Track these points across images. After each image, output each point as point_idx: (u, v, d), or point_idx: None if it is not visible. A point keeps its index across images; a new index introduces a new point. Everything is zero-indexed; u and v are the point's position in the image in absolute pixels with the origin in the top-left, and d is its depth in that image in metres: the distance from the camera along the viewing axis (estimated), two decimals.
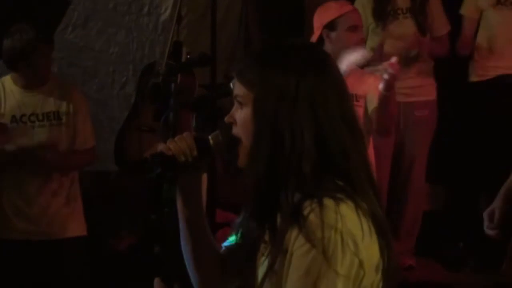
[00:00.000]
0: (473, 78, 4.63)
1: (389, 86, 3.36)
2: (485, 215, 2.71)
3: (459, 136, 4.74)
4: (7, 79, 3.69)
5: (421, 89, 4.52)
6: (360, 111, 3.56)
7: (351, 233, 1.46)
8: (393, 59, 3.33)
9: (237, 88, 1.60)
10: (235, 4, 5.10)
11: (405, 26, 4.47)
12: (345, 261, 1.45)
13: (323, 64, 1.58)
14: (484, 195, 4.42)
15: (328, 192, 1.49)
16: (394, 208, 4.51)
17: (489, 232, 2.69)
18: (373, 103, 3.51)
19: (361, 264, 1.46)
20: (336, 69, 1.61)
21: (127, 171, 4.06)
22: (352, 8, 3.67)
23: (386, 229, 1.54)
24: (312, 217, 1.46)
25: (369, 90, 3.56)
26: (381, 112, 3.43)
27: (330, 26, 3.59)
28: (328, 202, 1.47)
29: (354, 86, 3.57)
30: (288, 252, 1.48)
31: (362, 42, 3.61)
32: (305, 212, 1.47)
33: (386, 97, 3.39)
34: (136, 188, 4.05)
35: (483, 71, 4.59)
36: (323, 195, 1.48)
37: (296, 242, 1.47)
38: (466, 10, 4.60)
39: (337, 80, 1.59)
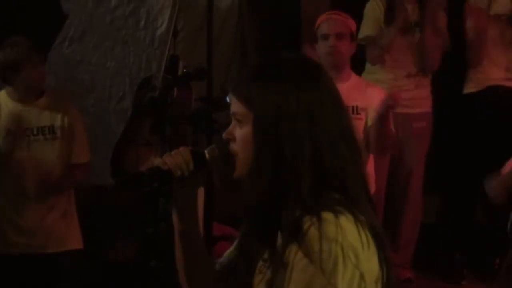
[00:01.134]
0: (469, 89, 4.65)
1: (387, 111, 3.40)
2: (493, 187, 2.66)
3: (454, 147, 4.75)
4: (2, 93, 3.70)
5: (419, 101, 4.55)
6: (360, 124, 3.57)
7: (351, 245, 1.46)
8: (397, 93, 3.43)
9: (235, 105, 1.59)
10: (231, 17, 5.11)
11: (411, 38, 4.49)
12: (347, 274, 1.44)
13: (318, 77, 1.58)
14: (480, 206, 4.43)
15: (327, 206, 1.48)
16: (392, 220, 4.51)
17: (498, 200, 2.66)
18: (373, 119, 3.53)
19: (362, 276, 1.46)
20: (331, 82, 1.61)
21: (124, 185, 4.05)
22: (326, 18, 3.74)
23: (384, 242, 1.54)
24: (311, 231, 1.46)
25: (371, 103, 3.58)
26: (377, 131, 3.45)
27: (316, 37, 3.74)
28: (328, 215, 1.47)
29: (356, 98, 3.59)
30: (289, 266, 1.47)
31: (331, 50, 3.65)
32: (305, 227, 1.46)
33: (382, 118, 3.42)
34: (132, 202, 4.04)
35: (474, 82, 4.61)
36: (322, 209, 1.48)
37: (296, 256, 1.46)
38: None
39: (333, 94, 1.59)
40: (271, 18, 5.07)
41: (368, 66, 4.59)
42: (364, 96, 3.62)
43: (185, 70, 4.12)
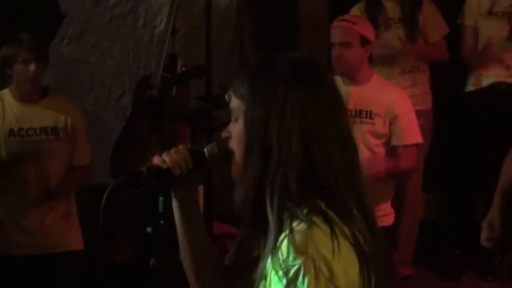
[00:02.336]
0: (469, 87, 4.65)
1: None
2: (485, 224, 2.68)
3: (455, 145, 4.75)
4: (6, 92, 3.69)
5: (416, 98, 4.51)
6: (372, 129, 3.55)
7: (324, 258, 1.42)
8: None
9: (232, 102, 1.59)
10: (230, 16, 5.11)
11: (397, 36, 4.49)
12: (319, 287, 1.42)
13: (314, 77, 1.56)
14: (480, 204, 4.42)
15: (305, 216, 1.46)
16: None
17: (486, 243, 2.68)
18: (395, 136, 3.59)
19: None
20: (331, 83, 1.60)
21: (123, 184, 4.05)
22: (333, 26, 3.70)
23: (367, 252, 1.50)
24: (283, 246, 1.44)
25: (388, 108, 3.57)
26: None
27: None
28: (301, 227, 1.45)
29: (373, 102, 3.56)
30: (267, 278, 1.46)
31: (335, 59, 3.61)
32: (279, 240, 1.45)
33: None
34: (132, 201, 4.04)
35: (477, 80, 4.61)
36: (297, 220, 1.45)
37: (271, 271, 1.45)
38: (466, 19, 4.62)
39: (329, 94, 1.56)
40: (269, 17, 5.08)
41: None
42: (381, 100, 3.59)
43: (184, 68, 4.12)
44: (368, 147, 3.54)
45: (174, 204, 1.70)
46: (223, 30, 5.04)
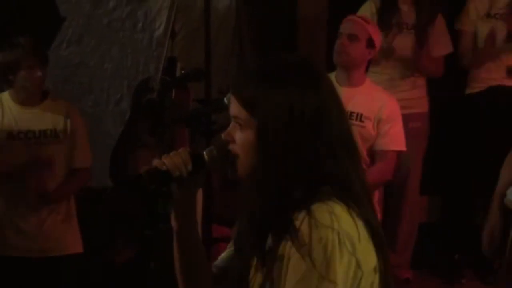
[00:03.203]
0: (468, 90, 4.66)
1: None
2: (485, 235, 2.68)
3: (454, 148, 4.75)
4: (5, 95, 3.69)
5: (414, 101, 4.53)
6: (362, 132, 3.55)
7: (347, 233, 1.46)
8: None
9: (236, 108, 1.58)
10: (229, 19, 5.11)
11: (406, 41, 4.48)
12: (343, 261, 1.45)
13: (320, 80, 1.58)
14: (479, 206, 4.42)
15: (320, 198, 1.49)
16: (389, 221, 4.50)
17: (488, 254, 2.67)
18: (377, 141, 3.59)
19: (358, 264, 1.47)
20: (331, 85, 1.61)
21: (123, 186, 4.05)
22: (347, 18, 3.76)
23: (380, 234, 1.54)
24: (304, 225, 1.46)
25: (378, 113, 3.57)
26: None
27: None
28: (319, 205, 1.47)
29: (363, 105, 3.57)
30: (284, 258, 1.47)
31: (338, 48, 3.64)
32: (297, 223, 1.46)
33: None
34: (131, 204, 4.04)
35: (475, 82, 4.62)
36: (313, 202, 1.48)
37: (291, 250, 1.46)
38: (462, 24, 4.63)
39: (334, 97, 1.59)
40: (268, 18, 5.07)
41: None
42: (371, 103, 3.60)
43: (183, 71, 4.12)
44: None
45: (172, 207, 1.70)
46: (223, 33, 5.04)
